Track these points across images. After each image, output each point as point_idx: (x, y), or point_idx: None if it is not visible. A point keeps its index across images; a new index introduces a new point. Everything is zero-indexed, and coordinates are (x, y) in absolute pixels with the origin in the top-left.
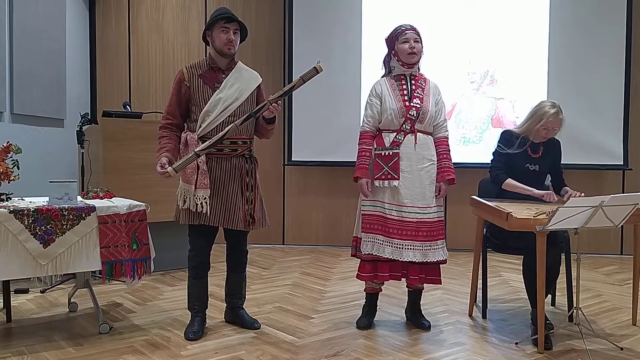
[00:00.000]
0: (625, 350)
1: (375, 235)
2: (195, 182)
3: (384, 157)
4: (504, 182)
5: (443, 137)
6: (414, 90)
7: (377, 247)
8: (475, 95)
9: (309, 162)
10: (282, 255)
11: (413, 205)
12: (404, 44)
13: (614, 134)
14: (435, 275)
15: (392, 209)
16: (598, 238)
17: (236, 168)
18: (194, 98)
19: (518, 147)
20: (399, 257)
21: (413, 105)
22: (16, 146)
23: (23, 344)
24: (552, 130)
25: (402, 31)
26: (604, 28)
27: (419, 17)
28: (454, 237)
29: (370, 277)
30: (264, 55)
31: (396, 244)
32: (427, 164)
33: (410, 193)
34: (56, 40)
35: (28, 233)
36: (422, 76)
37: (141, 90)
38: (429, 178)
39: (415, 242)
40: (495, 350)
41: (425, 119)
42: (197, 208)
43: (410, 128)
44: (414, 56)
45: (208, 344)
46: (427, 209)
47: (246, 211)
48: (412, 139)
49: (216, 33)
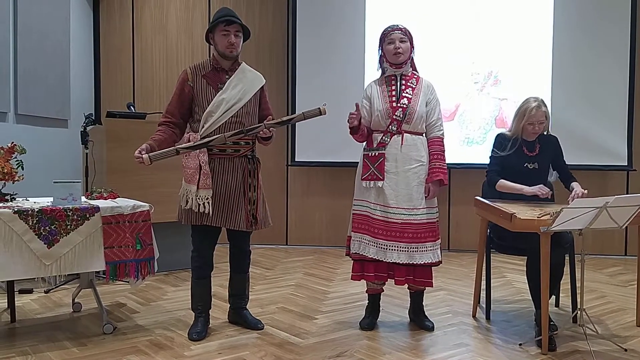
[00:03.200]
0: (629, 352)
1: (362, 235)
2: (197, 182)
3: (371, 157)
4: (497, 184)
5: (436, 137)
6: (403, 91)
7: (363, 246)
8: (479, 96)
9: (312, 162)
10: (286, 255)
11: (398, 206)
12: (390, 45)
13: (618, 134)
14: (425, 277)
15: (377, 209)
16: (602, 239)
17: (239, 168)
18: (197, 98)
19: (510, 148)
20: (383, 257)
21: (400, 106)
22: (20, 147)
23: (27, 344)
24: (539, 124)
25: (387, 32)
26: (608, 28)
27: (423, 18)
28: (458, 238)
29: (359, 276)
30: (267, 56)
31: (381, 244)
32: (414, 165)
33: (396, 194)
34: (60, 41)
35: (32, 233)
36: (415, 75)
37: (145, 90)
38: (417, 179)
39: (399, 244)
40: (498, 352)
41: (412, 120)
42: (199, 208)
43: (396, 129)
44: (399, 56)
45: (211, 344)
46: (413, 211)
47: (248, 212)
48: (399, 140)
49: (218, 36)
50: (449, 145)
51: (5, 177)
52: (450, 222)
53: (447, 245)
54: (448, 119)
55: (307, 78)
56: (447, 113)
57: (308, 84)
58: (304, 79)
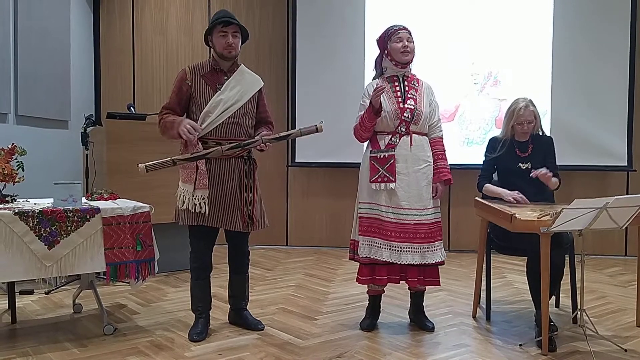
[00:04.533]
0: (629, 352)
1: (373, 239)
2: (194, 182)
3: (380, 159)
4: (483, 188)
5: (438, 137)
6: (407, 92)
7: (375, 250)
8: (478, 97)
9: (312, 163)
10: (286, 256)
11: (410, 207)
12: (397, 42)
13: (618, 135)
14: (433, 276)
15: (389, 212)
16: (602, 239)
17: (235, 169)
18: (195, 98)
19: (501, 149)
20: (398, 260)
21: (407, 107)
22: (21, 148)
23: (28, 345)
24: (527, 123)
25: (395, 31)
26: (607, 29)
27: (423, 18)
28: (458, 238)
29: (369, 280)
30: (268, 58)
31: (395, 246)
32: (423, 165)
33: (408, 195)
34: (60, 41)
35: (33, 234)
36: (415, 77)
37: (145, 91)
38: (426, 179)
39: (413, 245)
40: (499, 352)
41: (420, 120)
42: (195, 208)
43: (405, 130)
44: (407, 54)
45: (212, 345)
46: (424, 211)
47: (245, 212)
48: (408, 141)
49: (216, 37)
50: (448, 146)
51: (5, 178)
52: (450, 223)
53: (448, 245)
54: (448, 120)
55: (307, 79)
56: (447, 114)
57: (308, 84)
58: (304, 80)
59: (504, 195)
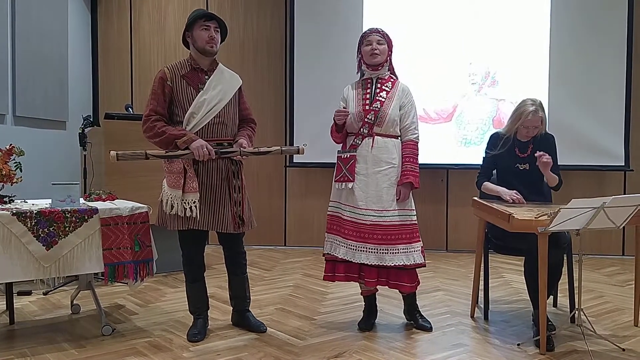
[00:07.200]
0: (627, 352)
1: (335, 236)
2: (182, 186)
3: (344, 159)
4: (482, 186)
5: (409, 140)
6: (377, 94)
7: (334, 247)
8: (476, 97)
9: (310, 163)
10: (284, 256)
11: (367, 207)
12: (367, 46)
13: (616, 134)
14: (401, 280)
15: (346, 210)
16: (600, 239)
17: (222, 170)
18: (176, 99)
19: (502, 147)
20: (352, 258)
21: (372, 109)
22: (19, 149)
23: (26, 346)
24: (533, 128)
25: (365, 35)
26: (605, 29)
27: (420, 18)
28: (456, 238)
29: (331, 277)
30: (266, 57)
31: (350, 245)
32: (385, 167)
33: (365, 195)
34: (58, 42)
35: (31, 235)
36: (392, 79)
37: (143, 92)
38: (387, 181)
39: (367, 245)
40: (497, 352)
41: (384, 123)
42: (186, 212)
43: (368, 131)
44: (375, 57)
45: (210, 345)
46: (383, 212)
47: (235, 213)
48: (370, 142)
49: (197, 32)
50: (447, 145)
51: (3, 179)
52: (448, 223)
53: (445, 245)
54: (446, 120)
55: (305, 79)
56: (445, 114)
57: (306, 82)
58: (303, 80)
59: (503, 194)
